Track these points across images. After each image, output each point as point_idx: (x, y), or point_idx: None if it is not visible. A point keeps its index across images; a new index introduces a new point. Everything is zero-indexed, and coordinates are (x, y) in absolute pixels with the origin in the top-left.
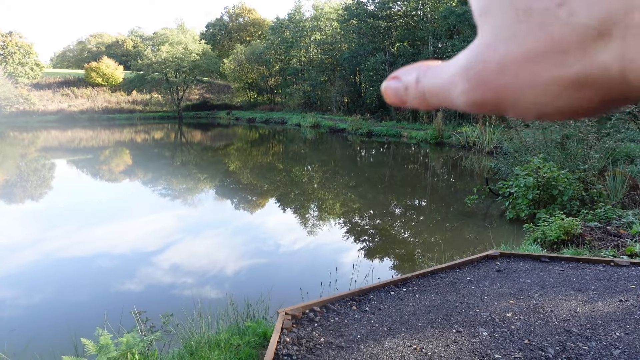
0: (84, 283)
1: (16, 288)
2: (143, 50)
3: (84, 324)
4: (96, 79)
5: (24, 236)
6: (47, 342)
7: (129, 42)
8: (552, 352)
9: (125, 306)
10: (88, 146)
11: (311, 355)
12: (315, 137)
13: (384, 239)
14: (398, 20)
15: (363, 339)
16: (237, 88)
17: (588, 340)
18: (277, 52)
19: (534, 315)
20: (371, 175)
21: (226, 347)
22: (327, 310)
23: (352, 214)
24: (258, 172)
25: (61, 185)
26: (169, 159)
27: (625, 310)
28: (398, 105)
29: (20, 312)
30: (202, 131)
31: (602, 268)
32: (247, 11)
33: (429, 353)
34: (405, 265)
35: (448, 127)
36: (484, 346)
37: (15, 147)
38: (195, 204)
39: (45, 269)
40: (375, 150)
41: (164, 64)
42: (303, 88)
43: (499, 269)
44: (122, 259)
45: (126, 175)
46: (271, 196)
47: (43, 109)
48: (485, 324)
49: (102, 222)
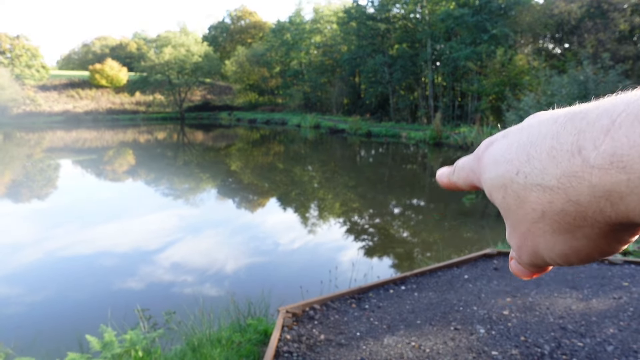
0: (88, 281)
1: (21, 286)
2: (146, 53)
3: (88, 321)
4: (100, 80)
5: (30, 235)
6: (52, 338)
7: (133, 45)
8: (548, 348)
9: (128, 304)
10: (92, 146)
11: (311, 352)
12: (315, 137)
13: (383, 238)
14: (397, 22)
15: (362, 337)
16: (239, 89)
17: (582, 337)
18: (277, 54)
19: (530, 313)
20: (370, 175)
21: (228, 344)
22: (327, 308)
23: (351, 214)
24: (259, 172)
25: (66, 185)
26: (172, 159)
27: (619, 307)
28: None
29: (26, 309)
30: (204, 132)
31: (597, 266)
32: (248, 14)
33: (427, 350)
34: (404, 264)
35: (446, 128)
36: (481, 343)
37: (22, 148)
38: (197, 203)
39: (50, 267)
40: (375, 151)
41: (167, 66)
42: (303, 89)
43: (496, 268)
44: (125, 258)
45: (129, 175)
46: (272, 196)
47: (49, 110)
48: (483, 321)
49: (105, 221)
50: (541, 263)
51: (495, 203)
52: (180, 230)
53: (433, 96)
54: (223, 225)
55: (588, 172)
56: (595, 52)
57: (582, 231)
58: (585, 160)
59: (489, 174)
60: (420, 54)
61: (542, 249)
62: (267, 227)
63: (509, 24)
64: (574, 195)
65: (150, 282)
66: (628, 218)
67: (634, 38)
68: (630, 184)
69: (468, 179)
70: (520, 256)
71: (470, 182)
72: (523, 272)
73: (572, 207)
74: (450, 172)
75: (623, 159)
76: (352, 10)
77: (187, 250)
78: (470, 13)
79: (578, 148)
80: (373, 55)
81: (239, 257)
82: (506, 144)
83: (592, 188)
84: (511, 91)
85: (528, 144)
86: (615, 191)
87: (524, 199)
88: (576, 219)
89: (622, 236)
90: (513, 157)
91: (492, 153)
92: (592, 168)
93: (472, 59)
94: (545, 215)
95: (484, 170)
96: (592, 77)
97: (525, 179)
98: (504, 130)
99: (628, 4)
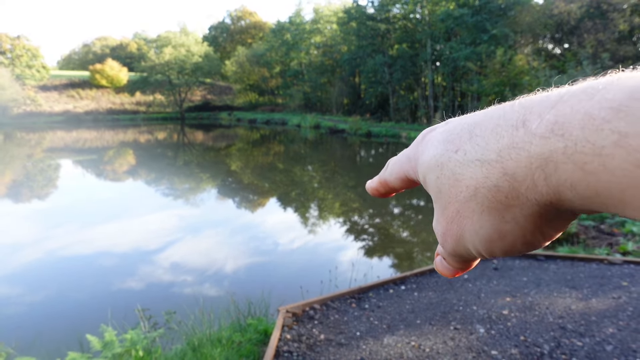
0: (88, 281)
1: (22, 285)
2: (146, 53)
3: (88, 321)
4: (101, 80)
5: (30, 235)
6: (52, 338)
7: (133, 45)
8: (547, 348)
9: (128, 304)
10: (93, 147)
11: (311, 352)
12: (316, 137)
13: (382, 237)
14: (397, 22)
15: (362, 336)
16: (239, 89)
17: (582, 337)
18: (277, 54)
19: (530, 313)
20: (370, 175)
21: (228, 344)
22: (327, 308)
23: (351, 214)
24: (259, 172)
25: (66, 185)
26: (172, 159)
27: (618, 307)
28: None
29: (26, 309)
30: (204, 132)
31: (596, 266)
32: (249, 14)
33: (427, 350)
34: (404, 263)
35: None
36: (480, 343)
37: (23, 148)
38: (197, 203)
39: (50, 267)
40: (375, 151)
41: (167, 66)
42: (303, 89)
43: (495, 267)
44: (125, 257)
45: (130, 175)
46: (272, 196)
47: (49, 110)
48: (482, 321)
49: (106, 221)
50: (463, 252)
51: (427, 186)
52: (181, 230)
53: (433, 96)
54: (223, 225)
55: (528, 141)
56: (595, 52)
57: (511, 212)
58: (528, 130)
59: (426, 155)
60: (420, 54)
61: (468, 233)
62: (267, 227)
63: (509, 24)
64: (511, 167)
65: (150, 282)
66: (559, 194)
67: (634, 38)
68: (567, 151)
69: (402, 171)
70: (443, 243)
71: (405, 173)
72: (447, 268)
73: (507, 182)
74: (382, 171)
75: (564, 126)
76: (352, 10)
77: (187, 250)
78: (470, 13)
79: (522, 121)
80: (373, 55)
81: (239, 257)
82: (449, 127)
83: (529, 158)
84: (511, 91)
85: (473, 124)
86: (551, 160)
87: (459, 176)
88: (508, 196)
89: (548, 229)
90: (454, 137)
91: (433, 136)
92: (532, 136)
93: (472, 59)
94: (477, 192)
95: (422, 152)
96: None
97: (464, 155)
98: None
99: (628, 4)
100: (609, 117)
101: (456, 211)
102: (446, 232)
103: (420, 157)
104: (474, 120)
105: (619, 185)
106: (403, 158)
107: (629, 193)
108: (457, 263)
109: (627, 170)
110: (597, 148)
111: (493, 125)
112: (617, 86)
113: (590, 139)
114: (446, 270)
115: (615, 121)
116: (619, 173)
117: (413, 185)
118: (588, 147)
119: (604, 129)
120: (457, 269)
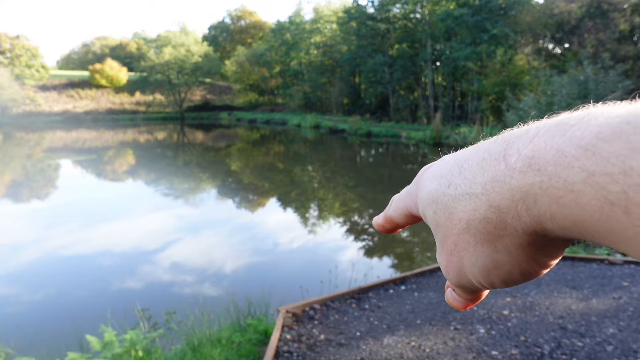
0: (88, 281)
1: (21, 285)
2: (146, 53)
3: (88, 321)
4: (100, 80)
5: (29, 234)
6: (52, 338)
7: (133, 45)
8: (548, 348)
9: (128, 304)
10: (92, 146)
11: (311, 352)
12: (316, 137)
13: (382, 238)
14: (397, 22)
15: (362, 337)
16: (239, 89)
17: (582, 337)
18: (277, 54)
19: (530, 313)
20: (370, 175)
21: (228, 344)
22: (327, 308)
23: (351, 214)
24: (259, 172)
25: (66, 185)
26: (172, 159)
27: (619, 307)
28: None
29: (26, 309)
30: (204, 132)
31: (597, 266)
32: (248, 14)
33: (427, 350)
34: (404, 264)
35: (446, 128)
36: (480, 343)
37: (22, 148)
38: (197, 203)
39: (50, 267)
40: (375, 151)
41: (167, 66)
42: (303, 89)
43: None
44: (125, 257)
45: (129, 175)
46: (272, 195)
47: (49, 110)
48: (482, 321)
49: (105, 221)
50: (466, 283)
51: (427, 221)
52: (180, 230)
53: (433, 96)
54: (223, 225)
55: (509, 175)
56: (596, 52)
57: (502, 242)
58: (508, 164)
59: (424, 191)
60: (420, 54)
61: (466, 264)
62: (267, 227)
63: (509, 24)
64: (495, 200)
65: (150, 282)
66: (541, 224)
67: (634, 38)
68: (543, 185)
69: (405, 207)
70: (447, 275)
71: (408, 209)
72: (458, 300)
73: (494, 214)
74: (387, 208)
75: (539, 162)
76: (352, 10)
77: (187, 250)
78: (470, 13)
79: (503, 156)
80: (373, 55)
81: (239, 257)
82: (443, 163)
83: (511, 191)
84: (511, 91)
85: (462, 160)
86: (530, 193)
87: (452, 210)
88: (497, 227)
89: (541, 256)
90: (447, 172)
91: (430, 172)
92: (512, 171)
93: (472, 59)
94: (470, 224)
95: (420, 189)
96: (592, 77)
97: (455, 190)
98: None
99: (628, 4)
100: (578, 155)
101: (454, 244)
102: (447, 264)
103: (419, 193)
104: (464, 155)
105: (591, 219)
106: (405, 195)
107: (600, 227)
108: (465, 294)
109: (596, 206)
110: (569, 184)
111: (479, 159)
112: (587, 124)
113: (562, 175)
114: (457, 302)
115: (583, 159)
116: (589, 209)
117: (416, 220)
118: (561, 183)
119: (574, 166)
120: (467, 300)
